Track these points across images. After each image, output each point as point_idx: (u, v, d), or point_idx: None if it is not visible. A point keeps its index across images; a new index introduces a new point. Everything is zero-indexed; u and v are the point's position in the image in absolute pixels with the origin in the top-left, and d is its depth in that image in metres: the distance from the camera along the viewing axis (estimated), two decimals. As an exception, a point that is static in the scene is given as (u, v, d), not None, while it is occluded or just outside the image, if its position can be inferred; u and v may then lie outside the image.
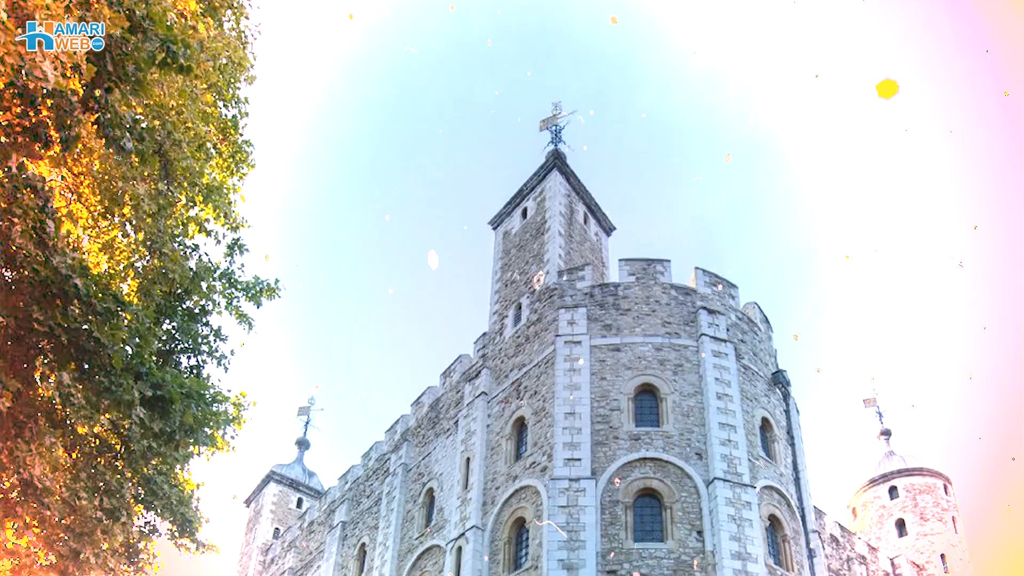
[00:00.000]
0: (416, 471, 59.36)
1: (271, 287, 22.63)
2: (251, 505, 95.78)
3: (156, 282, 19.91)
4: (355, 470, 70.95)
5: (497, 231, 62.77)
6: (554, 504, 42.29)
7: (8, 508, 18.12)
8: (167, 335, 21.08)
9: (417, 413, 63.11)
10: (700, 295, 50.23)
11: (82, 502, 18.70)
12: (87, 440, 19.36)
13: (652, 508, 42.93)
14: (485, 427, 51.88)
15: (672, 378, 46.60)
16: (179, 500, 21.84)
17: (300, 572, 74.58)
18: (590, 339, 48.16)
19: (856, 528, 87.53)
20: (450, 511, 51.77)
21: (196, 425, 19.63)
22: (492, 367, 54.60)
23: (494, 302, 58.59)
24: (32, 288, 16.02)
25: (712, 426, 44.53)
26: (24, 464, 17.11)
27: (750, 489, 42.70)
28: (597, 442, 44.62)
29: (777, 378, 51.54)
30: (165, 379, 18.21)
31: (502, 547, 45.83)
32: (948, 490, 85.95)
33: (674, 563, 40.62)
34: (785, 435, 50.02)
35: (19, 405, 16.95)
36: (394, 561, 56.27)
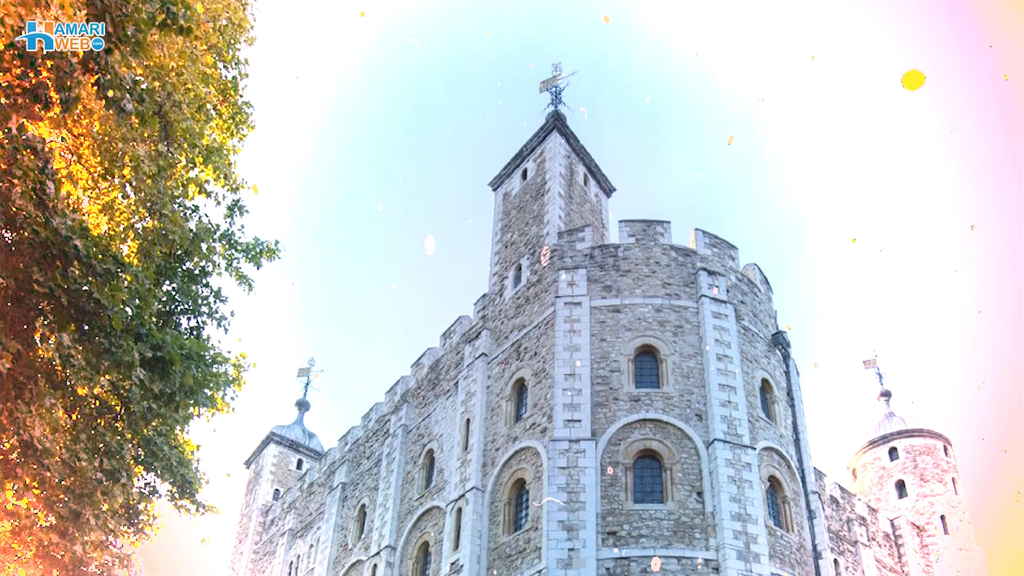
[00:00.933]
0: (416, 432, 59.43)
1: (271, 248, 22.57)
2: (251, 466, 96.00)
3: (156, 243, 19.85)
4: (355, 431, 71.06)
5: (497, 192, 62.67)
6: (554, 465, 42.32)
7: (8, 469, 18.11)
8: (167, 296, 21.04)
9: (417, 374, 63.15)
10: (700, 256, 50.15)
11: (82, 463, 18.69)
12: (87, 401, 19.33)
13: (652, 469, 42.96)
14: (485, 388, 51.92)
15: (672, 339, 46.58)
16: (179, 461, 21.85)
17: (300, 533, 74.76)
18: (590, 300, 48.12)
19: (856, 489, 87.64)
20: (450, 472, 51.84)
21: (196, 386, 19.59)
22: (492, 328, 54.60)
23: (494, 263, 58.53)
24: (32, 249, 15.97)
25: (712, 387, 44.53)
26: (24, 425, 17.09)
27: (750, 450, 42.74)
28: (597, 403, 44.63)
29: (777, 339, 51.52)
30: (165, 340, 18.17)
31: (502, 508, 45.91)
32: (948, 451, 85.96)
33: (674, 524, 40.68)
34: (785, 396, 50.03)
35: (19, 366, 16.92)
36: (394, 522, 56.37)
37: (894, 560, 74.74)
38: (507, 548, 44.11)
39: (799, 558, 43.26)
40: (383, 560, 54.70)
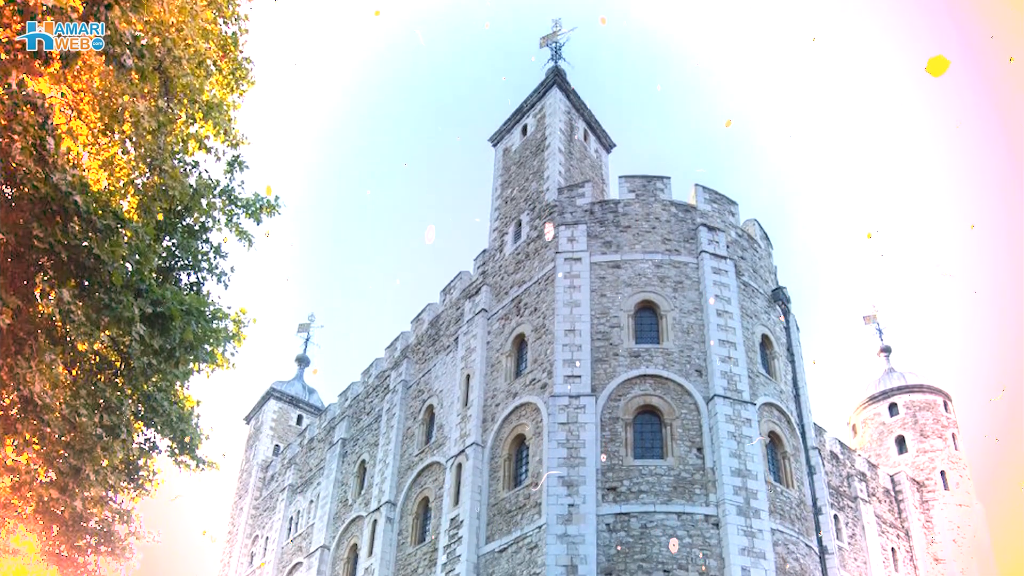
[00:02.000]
0: (416, 388, 59.51)
1: (271, 204, 22.46)
2: (251, 422, 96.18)
3: (156, 199, 19.78)
4: (355, 387, 71.16)
5: (497, 148, 62.55)
6: (554, 421, 42.35)
7: (8, 425, 18.09)
8: (167, 252, 20.97)
9: (417, 330, 63.19)
10: (700, 212, 50.05)
11: (82, 419, 18.66)
12: (87, 357, 19.31)
13: (652, 425, 43.00)
14: (485, 344, 51.95)
15: (672, 295, 46.54)
16: (179, 417, 21.83)
17: (300, 489, 74.96)
18: (590, 256, 48.04)
19: (856, 445, 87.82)
20: (450, 428, 51.93)
21: (196, 342, 19.57)
22: (492, 284, 54.56)
23: (494, 219, 58.47)
24: (32, 205, 15.89)
25: (712, 343, 44.50)
26: (24, 381, 17.06)
27: (750, 406, 42.76)
28: (597, 359, 44.64)
29: (777, 295, 51.48)
30: (165, 296, 18.13)
31: (502, 464, 45.99)
32: (948, 407, 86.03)
33: (674, 480, 40.74)
34: (785, 352, 50.05)
35: (19, 322, 16.88)
36: (394, 478, 56.50)
37: (894, 516, 75.03)
38: (507, 504, 44.22)
39: (799, 513, 43.37)
40: (383, 515, 54.85)
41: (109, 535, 21.96)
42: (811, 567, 42.37)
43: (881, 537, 70.56)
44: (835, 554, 44.81)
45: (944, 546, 75.77)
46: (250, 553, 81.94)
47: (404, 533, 53.64)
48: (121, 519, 22.13)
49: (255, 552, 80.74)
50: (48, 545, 21.22)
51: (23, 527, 20.57)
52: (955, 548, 75.88)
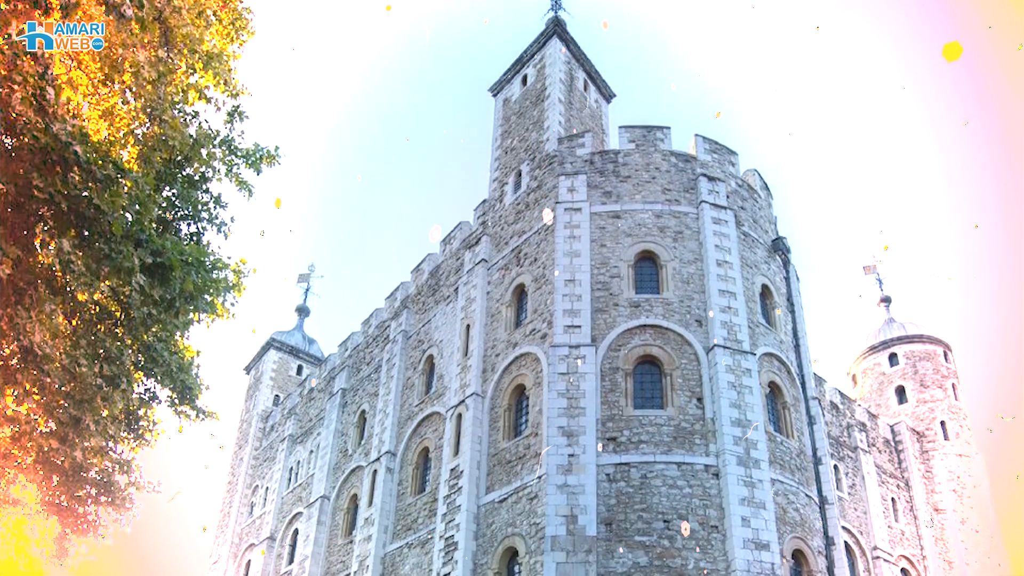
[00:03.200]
0: (416, 338, 59.57)
1: (271, 154, 22.40)
2: (251, 372, 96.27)
3: (156, 149, 19.70)
4: (355, 337, 71.24)
5: (497, 98, 62.34)
6: (554, 371, 42.37)
7: (8, 375, 18.08)
8: (167, 202, 20.91)
9: (417, 280, 63.20)
10: (700, 162, 49.92)
11: (82, 369, 18.65)
12: (87, 307, 19.28)
13: (652, 375, 43.01)
14: (485, 294, 51.94)
15: (672, 245, 46.47)
16: (179, 367, 21.84)
17: (300, 439, 75.11)
18: (590, 206, 47.94)
19: (856, 395, 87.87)
20: (450, 378, 52.00)
21: (196, 292, 19.56)
22: (492, 234, 54.50)
23: (494, 169, 58.33)
24: (32, 155, 15.83)
25: (712, 293, 44.48)
26: (24, 331, 17.04)
27: (750, 356, 42.77)
28: (597, 309, 44.62)
29: (777, 245, 51.42)
30: (165, 246, 18.08)
31: (502, 414, 46.06)
32: (948, 357, 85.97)
33: (674, 430, 40.79)
34: (785, 302, 50.01)
35: (19, 272, 16.84)
36: (394, 428, 56.63)
37: (894, 466, 75.17)
38: (507, 454, 44.31)
39: (799, 464, 43.46)
40: (383, 466, 55.01)
41: (109, 485, 22.01)
42: (811, 517, 42.49)
43: (881, 487, 70.74)
44: (835, 504, 44.94)
45: (944, 496, 75.92)
46: (250, 503, 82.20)
47: (404, 483, 53.81)
48: (121, 469, 22.18)
49: (255, 502, 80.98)
50: (48, 495, 21.29)
51: (23, 477, 20.61)
52: (955, 498, 76.04)
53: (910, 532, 72.31)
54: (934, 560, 71.56)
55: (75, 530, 22.05)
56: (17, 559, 21.93)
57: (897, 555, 68.16)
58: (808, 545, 40.83)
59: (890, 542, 67.85)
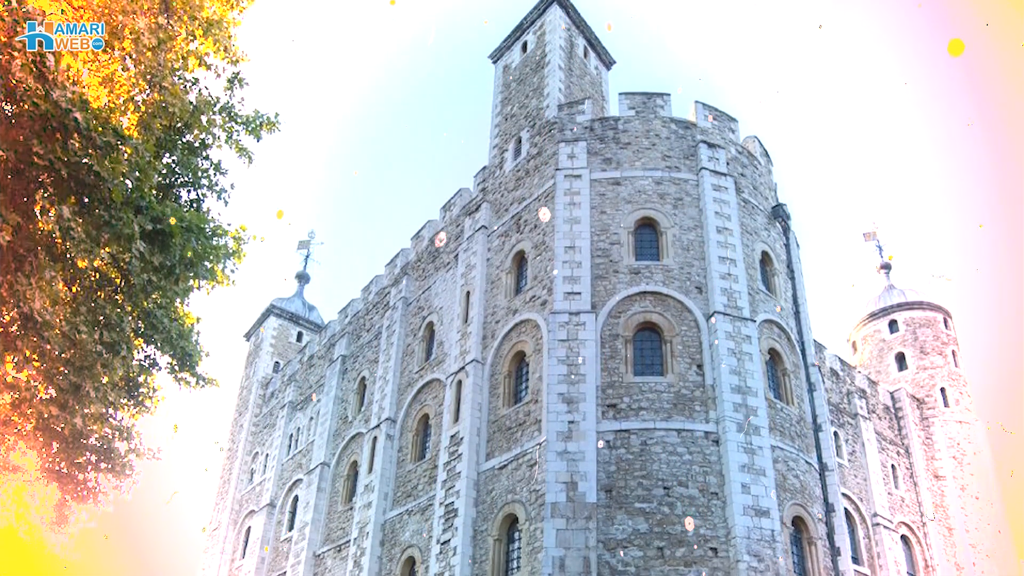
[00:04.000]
0: (416, 305, 59.59)
1: (271, 121, 22.32)
2: (251, 339, 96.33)
3: (156, 116, 19.62)
4: (355, 304, 71.27)
5: (497, 65, 62.17)
6: (554, 338, 42.37)
7: (8, 342, 18.07)
8: (167, 169, 20.85)
9: (417, 247, 63.18)
10: (700, 129, 49.83)
11: (82, 336, 18.63)
12: (87, 274, 19.25)
13: (652, 342, 43.02)
14: (485, 261, 51.91)
15: (672, 212, 46.42)
16: (179, 334, 21.82)
17: (300, 405, 75.20)
18: (590, 173, 47.89)
19: (856, 362, 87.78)
20: (450, 345, 52.04)
21: (196, 259, 19.54)
22: (492, 201, 54.44)
23: (494, 136, 58.23)
24: (32, 122, 15.79)
25: (712, 260, 44.45)
26: (24, 298, 17.02)
27: (750, 323, 42.77)
28: (597, 276, 44.59)
29: (777, 212, 51.37)
30: (165, 213, 18.07)
31: (502, 381, 46.10)
32: (948, 324, 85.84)
33: (674, 397, 40.82)
34: (785, 269, 49.98)
35: (19, 239, 16.82)
36: (394, 395, 56.70)
37: (894, 433, 75.20)
38: (507, 421, 44.37)
39: (799, 431, 43.51)
40: (383, 432, 55.10)
41: (109, 452, 22.01)
42: (811, 484, 42.56)
43: (881, 454, 70.78)
44: (835, 471, 45.00)
45: (944, 463, 75.92)
46: (250, 470, 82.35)
47: (404, 450, 53.92)
48: (121, 436, 22.16)
49: (255, 469, 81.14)
50: (48, 462, 21.30)
51: (23, 444, 20.62)
52: (955, 465, 76.05)
53: (910, 499, 72.39)
54: (934, 527, 71.66)
55: (75, 497, 22.05)
56: (17, 526, 21.96)
57: (897, 522, 68.27)
58: (808, 512, 40.90)
59: (890, 509, 67.93)
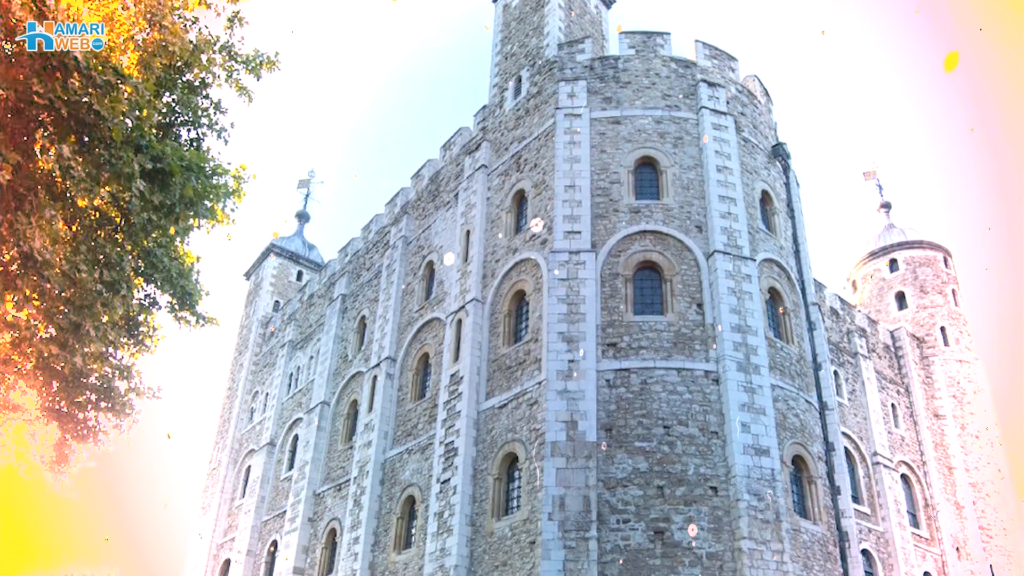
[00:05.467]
0: (416, 244, 59.56)
1: (271, 60, 22.23)
2: (251, 278, 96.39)
3: (156, 55, 19.52)
4: (355, 243, 71.22)
5: (497, 3, 61.80)
6: (554, 277, 42.35)
7: (8, 281, 18.07)
8: (167, 108, 20.78)
9: (417, 186, 63.09)
10: (700, 68, 49.65)
11: (82, 275, 18.61)
12: (87, 213, 19.21)
13: (652, 281, 43.01)
14: (485, 200, 51.85)
15: (672, 151, 46.33)
16: (179, 273, 21.82)
17: (300, 344, 75.34)
18: (590, 112, 47.76)
19: (856, 301, 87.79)
20: (450, 284, 52.04)
21: (196, 198, 19.51)
22: (492, 140, 54.31)
23: (494, 75, 58.02)
24: (32, 61, 15.73)
25: (712, 199, 44.40)
26: (24, 237, 17.00)
27: (750, 262, 42.75)
28: (597, 215, 44.54)
29: (777, 151, 51.28)
30: (165, 152, 18.02)
31: (502, 320, 46.15)
32: (948, 263, 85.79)
33: (674, 336, 40.87)
34: (785, 208, 49.94)
35: (19, 178, 16.77)
36: (394, 334, 56.79)
37: (894, 372, 75.37)
38: (507, 359, 44.47)
39: (799, 369, 43.61)
40: (383, 371, 55.23)
41: (109, 391, 22.05)
42: (811, 423, 42.68)
43: (881, 393, 70.96)
44: (835, 410, 45.10)
45: (944, 402, 76.06)
46: (250, 409, 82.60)
47: (404, 389, 54.08)
48: (121, 375, 22.20)
49: (255, 408, 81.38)
50: (48, 401, 21.33)
51: (23, 383, 20.64)
52: (955, 404, 76.20)
53: (910, 438, 72.66)
54: (934, 465, 71.96)
55: (75, 436, 22.11)
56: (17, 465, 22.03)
57: (897, 461, 68.55)
58: (808, 451, 41.05)
59: (890, 448, 68.19)
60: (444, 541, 42.11)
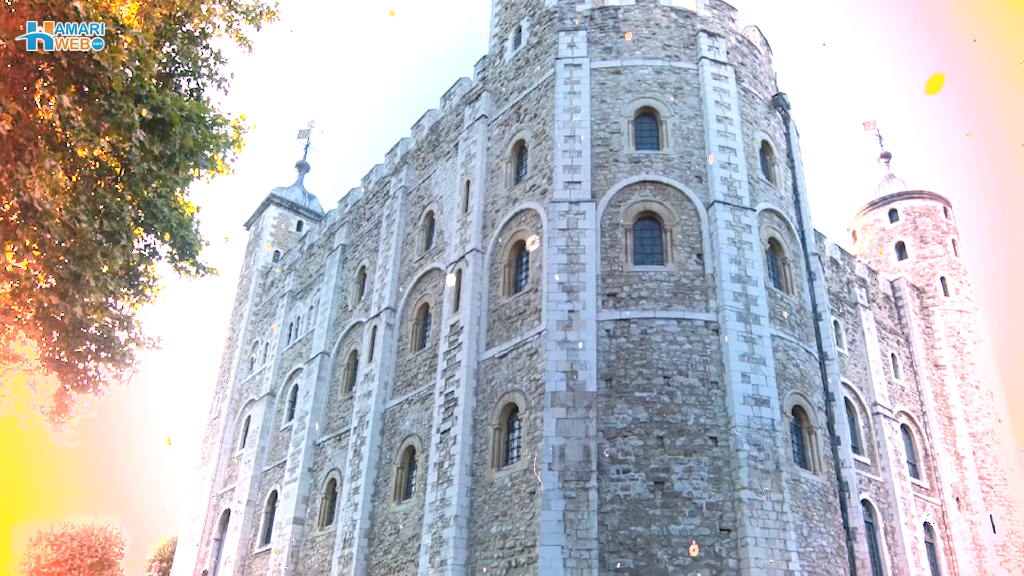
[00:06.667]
0: (416, 194, 59.53)
1: (271, 10, 22.21)
2: (251, 228, 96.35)
3: (156, 4, 19.43)
4: (355, 193, 71.18)
5: (496, -48, 61.61)
6: (554, 227, 42.35)
7: (8, 231, 18.09)
8: (167, 58, 20.77)
9: (417, 136, 63.00)
10: (700, 18, 49.47)
11: (82, 225, 18.62)
12: (87, 163, 19.21)
13: (652, 231, 42.98)
14: (485, 150, 51.78)
15: (672, 101, 46.23)
16: (179, 223, 21.84)
17: (300, 295, 75.38)
18: (590, 62, 47.63)
19: (856, 251, 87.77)
20: (450, 234, 52.05)
21: (196, 148, 19.56)
22: (492, 90, 54.20)
23: (494, 25, 57.75)
24: (32, 11, 15.69)
25: (712, 149, 44.33)
26: (24, 187, 17.00)
27: (750, 212, 42.73)
28: (597, 165, 44.48)
29: (777, 101, 51.18)
30: (165, 102, 18.04)
31: (502, 270, 46.15)
32: (948, 213, 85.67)
33: (674, 286, 40.87)
34: (785, 158, 49.88)
35: (19, 128, 16.76)
36: (394, 284, 56.82)
37: (894, 322, 75.44)
38: (507, 310, 44.51)
39: (799, 320, 43.64)
40: (383, 322, 55.29)
41: (109, 341, 22.11)
42: (811, 373, 42.75)
43: (881, 343, 71.05)
44: (835, 360, 45.16)
45: (944, 352, 76.16)
46: (250, 359, 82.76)
47: (404, 339, 54.16)
48: (121, 325, 22.25)
49: (255, 358, 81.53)
50: (48, 351, 21.40)
51: (23, 333, 20.71)
52: (955, 354, 76.30)
53: (910, 388, 72.81)
54: (934, 415, 72.14)
55: (75, 386, 22.19)
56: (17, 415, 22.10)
57: (897, 411, 68.72)
58: (808, 401, 41.14)
59: (890, 398, 68.33)
60: (444, 491, 42.26)
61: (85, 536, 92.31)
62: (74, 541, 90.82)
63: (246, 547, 67.26)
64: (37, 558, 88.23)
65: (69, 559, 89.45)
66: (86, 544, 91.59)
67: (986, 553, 68.53)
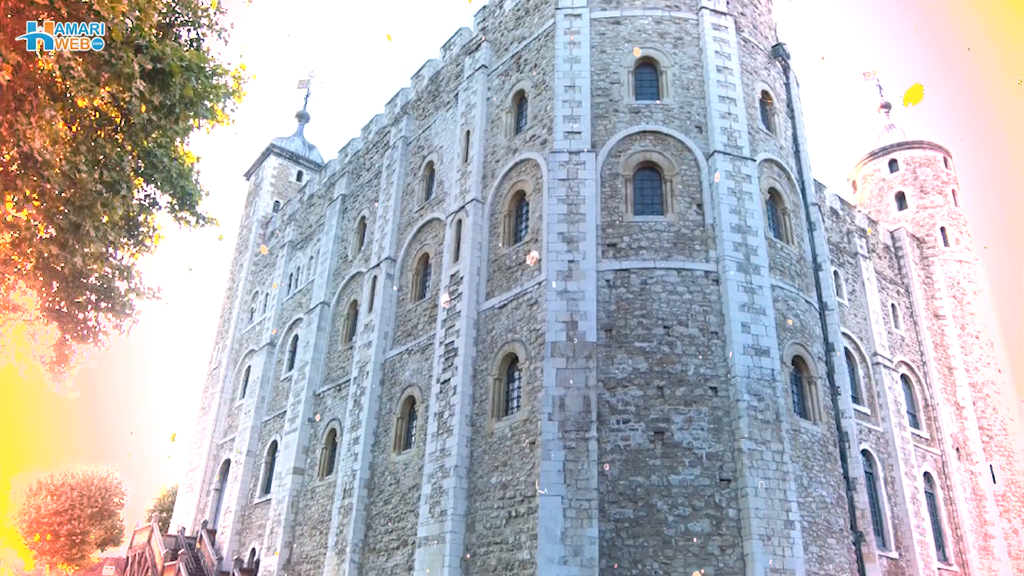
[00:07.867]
0: (416, 144, 59.46)
1: (270, -42, 22.15)
2: (251, 178, 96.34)
3: (156, -46, 19.47)
4: (355, 143, 71.08)
5: (496, -96, 61.30)
6: (554, 177, 42.30)
7: (8, 181, 18.11)
8: (167, 8, 20.69)
9: (417, 86, 62.88)
10: (700, -34, 49.34)
11: (82, 175, 18.64)
12: (87, 113, 19.20)
13: (652, 181, 42.94)
14: (485, 100, 51.71)
15: (672, 51, 46.07)
16: (179, 173, 21.86)
17: (300, 245, 75.43)
18: (590, 12, 47.44)
19: (856, 201, 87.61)
20: (450, 184, 52.04)
21: (196, 98, 19.55)
22: (492, 40, 54.05)
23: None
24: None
25: (712, 99, 44.22)
26: (24, 137, 17.00)
27: (750, 162, 42.66)
28: (597, 115, 44.41)
29: (777, 51, 50.99)
30: (165, 52, 18.02)
31: (502, 220, 46.17)
32: (948, 163, 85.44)
33: (674, 236, 40.86)
34: (785, 108, 49.75)
35: (19, 78, 16.76)
36: (394, 234, 56.83)
37: (894, 272, 75.41)
38: (507, 260, 44.53)
39: (799, 270, 43.66)
40: (383, 272, 55.35)
41: (109, 291, 22.17)
42: (811, 323, 42.82)
43: (881, 293, 71.03)
44: (835, 310, 45.19)
45: (944, 302, 76.14)
46: (250, 309, 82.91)
47: (404, 289, 54.19)
48: (121, 275, 22.29)
49: (255, 308, 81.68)
50: (48, 301, 21.47)
51: (23, 283, 20.76)
52: (955, 304, 76.28)
53: (910, 338, 72.89)
54: (934, 366, 72.23)
55: (75, 336, 22.26)
56: (17, 365, 22.17)
57: (897, 361, 68.82)
58: (808, 351, 41.22)
59: (890, 348, 68.40)
60: (444, 441, 42.43)
61: (85, 486, 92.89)
62: (74, 491, 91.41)
63: (246, 497, 67.67)
64: (37, 508, 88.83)
65: (69, 509, 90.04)
66: (86, 494, 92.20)
67: (986, 503, 68.75)
